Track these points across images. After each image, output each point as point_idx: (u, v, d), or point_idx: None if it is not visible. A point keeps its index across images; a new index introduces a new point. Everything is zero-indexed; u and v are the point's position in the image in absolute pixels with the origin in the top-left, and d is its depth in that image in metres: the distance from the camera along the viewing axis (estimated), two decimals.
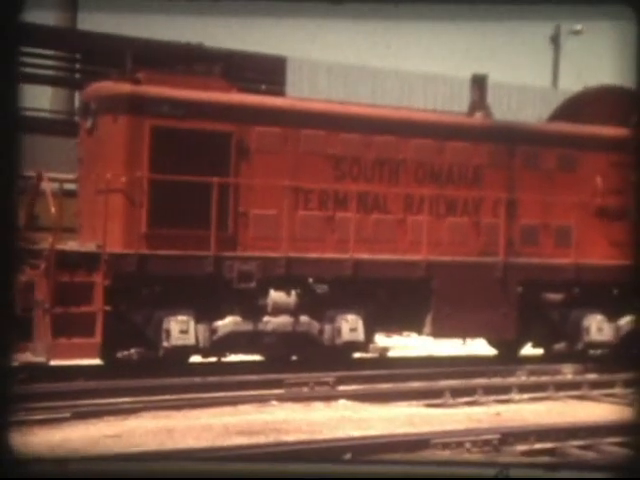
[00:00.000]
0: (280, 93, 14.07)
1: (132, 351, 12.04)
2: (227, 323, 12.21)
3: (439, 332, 13.65)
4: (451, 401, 11.73)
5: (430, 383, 12.50)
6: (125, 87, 12.13)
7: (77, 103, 17.72)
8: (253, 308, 12.41)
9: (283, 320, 12.45)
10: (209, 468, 6.16)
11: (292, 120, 12.97)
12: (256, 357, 13.15)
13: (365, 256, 13.07)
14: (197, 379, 11.62)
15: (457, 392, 11.97)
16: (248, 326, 12.29)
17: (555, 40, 28.15)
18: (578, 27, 24.86)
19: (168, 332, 11.76)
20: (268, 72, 16.10)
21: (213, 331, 12.14)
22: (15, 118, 6.36)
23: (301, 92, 18.11)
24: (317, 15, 6.49)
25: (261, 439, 9.04)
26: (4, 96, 6.26)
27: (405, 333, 14.90)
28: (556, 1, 6.14)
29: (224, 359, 12.69)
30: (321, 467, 6.30)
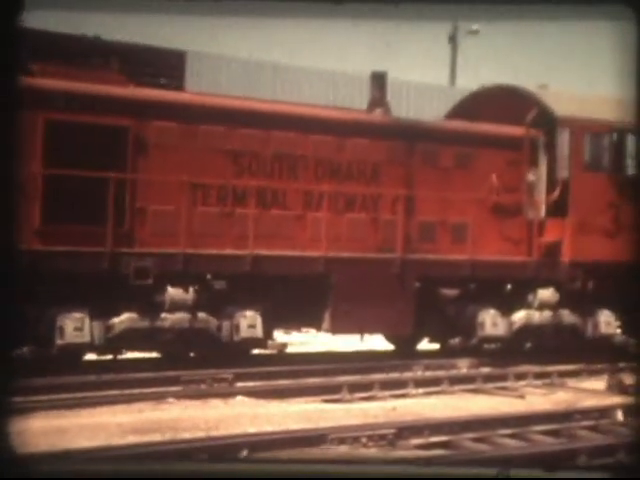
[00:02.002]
0: (179, 88, 13.88)
1: (24, 349, 11.79)
2: (123, 320, 12.05)
3: (337, 328, 13.73)
4: (348, 396, 11.81)
5: (328, 379, 12.57)
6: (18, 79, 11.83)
7: None
8: (150, 305, 12.27)
9: (180, 317, 12.35)
10: (209, 468, 6.11)
11: (191, 115, 12.87)
12: (153, 354, 13.02)
13: (264, 252, 13.07)
14: (92, 377, 11.44)
15: (354, 387, 12.06)
16: (145, 323, 12.16)
17: (453, 39, 28.63)
18: (475, 27, 25.33)
19: (62, 329, 11.55)
20: (167, 66, 15.90)
21: (109, 328, 11.97)
22: (15, 120, 6.20)
23: (200, 87, 17.99)
24: (317, 15, 6.45)
25: (156, 437, 8.95)
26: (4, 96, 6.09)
27: (304, 329, 14.95)
28: (556, 1, 6.17)
29: (120, 356, 12.53)
30: (321, 467, 6.29)
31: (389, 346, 15.78)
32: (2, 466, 5.68)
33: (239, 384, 11.98)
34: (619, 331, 16.20)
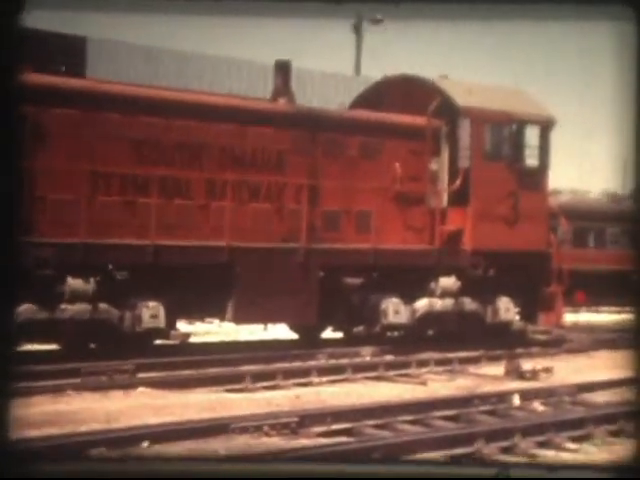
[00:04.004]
0: (79, 75, 13.61)
1: None
2: (21, 311, 11.80)
3: (241, 318, 13.70)
4: (251, 386, 11.79)
5: (231, 368, 12.53)
6: None
7: None
8: (50, 295, 12.05)
9: (81, 308, 12.16)
10: (209, 469, 6.01)
11: (91, 102, 12.66)
12: (52, 346, 12.79)
13: (166, 242, 12.94)
14: None
15: (258, 377, 12.04)
16: (43, 314, 11.93)
17: (357, 29, 28.70)
18: (378, 16, 25.40)
19: None
20: (67, 53, 15.62)
21: None
22: (16, 121, 6.00)
23: (102, 74, 17.70)
24: (317, 15, 6.38)
25: (55, 431, 8.80)
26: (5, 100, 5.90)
27: (208, 319, 14.88)
28: (555, 1, 6.19)
29: (17, 348, 12.25)
30: (318, 467, 6.23)
31: (293, 335, 15.82)
32: (2, 466, 5.57)
33: (140, 375, 11.85)
34: (517, 317, 16.57)
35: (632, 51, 6.13)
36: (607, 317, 23.70)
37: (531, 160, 16.31)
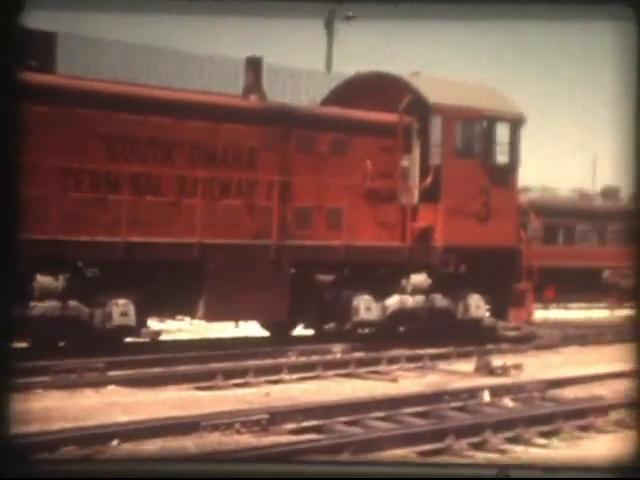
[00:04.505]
0: (50, 70, 13.52)
1: None
2: None
3: (212, 315, 13.67)
4: (222, 383, 11.77)
5: (201, 366, 12.50)
6: None
7: None
8: (18, 292, 11.95)
9: (50, 305, 12.09)
10: (209, 469, 5.99)
11: (62, 98, 12.58)
12: (22, 343, 12.69)
13: (137, 239, 12.89)
14: None
15: (229, 374, 12.03)
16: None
17: (329, 25, 28.57)
18: (350, 13, 25.31)
19: None
20: (36, 48, 15.53)
21: None
22: (16, 119, 5.98)
23: (73, 70, 17.58)
24: (318, 15, 6.39)
25: (22, 429, 8.73)
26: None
27: (179, 317, 14.82)
28: (555, 1, 6.21)
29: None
30: (318, 468, 6.21)
31: (264, 333, 15.80)
32: (2, 466, 5.54)
33: (111, 373, 11.80)
34: (488, 314, 16.65)
35: (632, 50, 6.17)
36: (577, 313, 23.87)
37: (501, 157, 16.39)
